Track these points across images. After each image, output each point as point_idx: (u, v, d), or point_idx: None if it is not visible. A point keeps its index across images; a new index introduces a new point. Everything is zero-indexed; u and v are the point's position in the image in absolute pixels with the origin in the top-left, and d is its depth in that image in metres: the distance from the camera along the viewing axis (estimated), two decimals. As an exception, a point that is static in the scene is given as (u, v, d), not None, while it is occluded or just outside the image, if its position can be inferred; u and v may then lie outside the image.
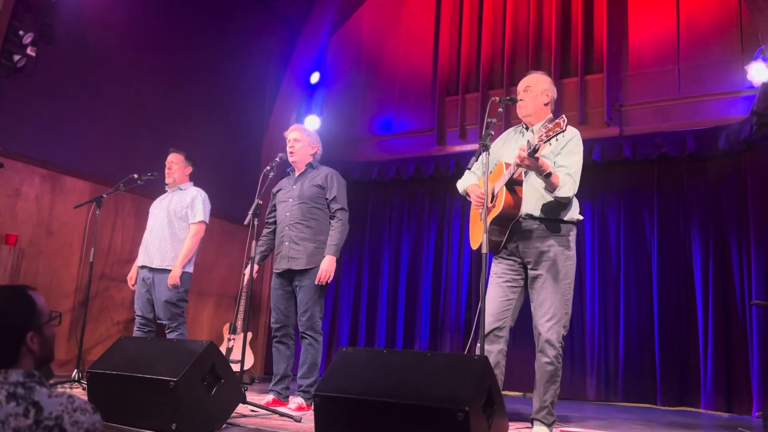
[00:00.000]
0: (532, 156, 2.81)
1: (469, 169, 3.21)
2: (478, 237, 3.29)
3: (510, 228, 3.13)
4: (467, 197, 3.40)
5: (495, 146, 3.39)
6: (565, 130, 2.69)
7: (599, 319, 6.18)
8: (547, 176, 2.94)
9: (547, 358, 3.05)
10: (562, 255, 3.11)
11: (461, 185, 3.45)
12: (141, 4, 6.13)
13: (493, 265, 3.29)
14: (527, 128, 3.33)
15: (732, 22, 6.05)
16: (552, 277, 3.08)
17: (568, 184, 3.03)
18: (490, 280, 3.24)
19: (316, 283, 3.82)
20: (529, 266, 3.15)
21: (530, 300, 3.16)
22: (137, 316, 4.54)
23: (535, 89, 3.28)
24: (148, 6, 6.21)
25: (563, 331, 3.08)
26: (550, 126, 2.73)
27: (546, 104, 3.30)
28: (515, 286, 3.18)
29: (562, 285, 3.08)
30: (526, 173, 3.13)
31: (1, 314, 1.45)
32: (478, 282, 5.03)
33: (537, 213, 3.13)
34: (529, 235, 3.14)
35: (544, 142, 2.76)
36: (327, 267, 3.82)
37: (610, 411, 5.21)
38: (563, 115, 2.73)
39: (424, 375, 2.25)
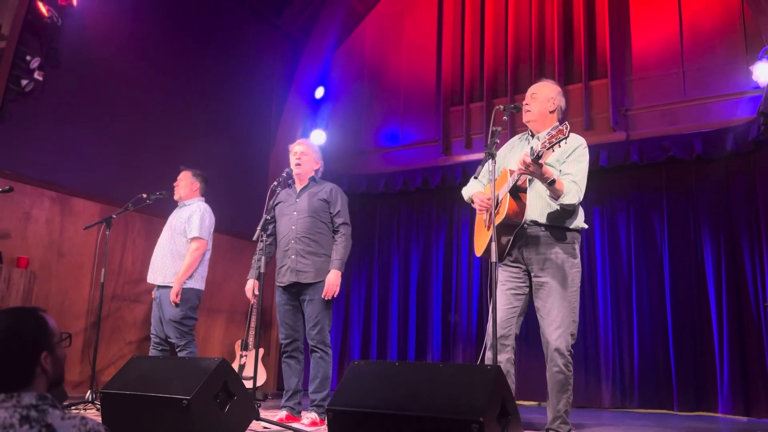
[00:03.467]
0: (536, 162, 2.81)
1: (476, 178, 3.21)
2: (482, 244, 3.28)
3: (514, 234, 3.13)
4: (472, 204, 3.40)
5: (501, 154, 3.40)
6: (567, 136, 2.69)
7: (612, 326, 6.13)
8: (550, 183, 2.93)
9: (557, 367, 3.03)
10: (567, 262, 3.09)
11: (466, 192, 3.46)
12: (145, 25, 6.19)
13: (498, 273, 3.28)
14: (533, 135, 3.33)
15: (735, 23, 6.04)
16: (558, 284, 3.06)
17: (573, 191, 3.02)
18: (492, 287, 3.24)
19: (323, 297, 3.82)
20: (533, 273, 3.14)
21: (536, 309, 3.14)
22: (152, 335, 4.54)
23: (541, 96, 3.30)
24: (153, 27, 6.27)
25: (571, 340, 3.06)
26: (554, 133, 2.74)
27: (551, 112, 3.30)
28: (519, 294, 3.17)
29: (568, 293, 3.06)
30: (530, 180, 3.12)
31: (17, 334, 1.46)
32: (488, 291, 4.97)
33: (542, 220, 3.11)
34: (533, 241, 3.13)
35: (548, 149, 2.76)
36: (333, 281, 3.84)
37: (626, 418, 5.15)
38: (566, 122, 2.73)
39: (437, 386, 2.23)
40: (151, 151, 6.06)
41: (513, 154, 3.34)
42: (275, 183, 4.08)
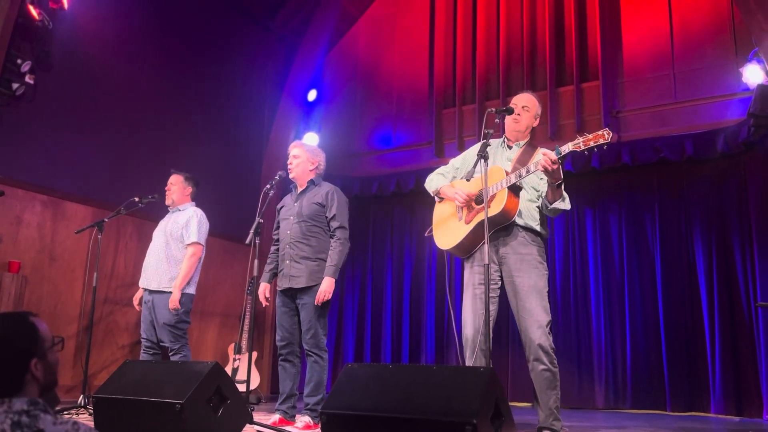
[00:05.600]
0: (559, 162, 2.90)
1: (468, 180, 3.21)
2: (453, 238, 3.28)
3: (492, 232, 3.15)
4: (437, 196, 3.44)
5: (471, 153, 3.46)
6: (609, 142, 2.79)
7: (605, 327, 6.15)
8: (559, 185, 3.02)
9: (543, 365, 3.05)
10: (540, 265, 3.18)
11: (434, 185, 3.48)
12: (137, 28, 6.18)
13: (466, 273, 3.29)
14: (509, 146, 3.38)
15: (724, 25, 6.08)
16: (536, 285, 3.13)
17: (567, 199, 3.16)
18: (466, 290, 3.25)
19: (315, 303, 3.80)
20: (507, 272, 3.17)
21: (516, 309, 3.15)
22: (142, 339, 4.52)
23: (531, 111, 3.39)
24: (145, 30, 6.25)
25: (550, 337, 3.11)
26: (590, 136, 2.82)
27: (533, 128, 3.44)
28: (492, 296, 3.16)
29: (544, 293, 3.14)
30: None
31: (4, 342, 1.44)
32: (455, 288, 5.01)
33: (520, 221, 3.18)
34: (512, 241, 3.18)
35: (581, 150, 2.87)
36: (326, 288, 3.79)
37: (619, 419, 5.17)
38: (606, 128, 2.82)
39: (430, 389, 2.24)
40: (143, 155, 6.04)
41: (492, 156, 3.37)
42: (268, 186, 4.06)
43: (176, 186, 4.71)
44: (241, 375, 5.93)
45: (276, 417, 3.82)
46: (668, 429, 4.39)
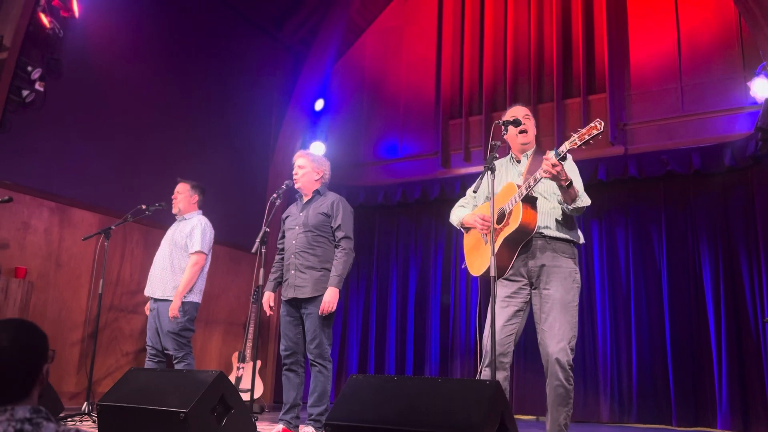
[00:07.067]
0: (561, 163, 2.85)
1: (475, 192, 3.20)
2: (480, 263, 3.25)
3: (520, 248, 3.11)
4: (462, 228, 3.40)
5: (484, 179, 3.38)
6: (602, 131, 2.76)
7: (611, 340, 6.12)
8: (568, 186, 2.95)
9: (558, 380, 3.01)
10: (570, 276, 3.08)
11: (456, 218, 3.44)
12: (147, 37, 6.22)
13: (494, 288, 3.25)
14: (518, 160, 3.32)
15: (732, 39, 6.08)
16: (562, 298, 3.04)
17: (584, 196, 3.07)
18: (491, 304, 3.20)
19: (320, 313, 3.79)
20: (536, 285, 3.11)
21: (538, 321, 3.10)
22: (148, 346, 4.52)
23: (533, 119, 3.35)
24: (154, 39, 6.30)
25: (571, 354, 3.05)
26: (584, 131, 2.79)
27: (536, 136, 3.37)
28: (519, 310, 3.13)
29: (570, 307, 3.05)
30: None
31: (28, 346, 1.46)
32: (487, 305, 4.95)
33: (547, 232, 3.11)
34: (539, 253, 3.10)
35: (579, 145, 2.83)
36: (329, 298, 3.79)
37: (625, 433, 5.13)
38: (598, 119, 2.81)
39: (435, 401, 2.22)
40: (150, 163, 6.06)
41: (499, 173, 3.32)
42: (275, 195, 4.07)
43: (183, 194, 4.73)
44: (245, 384, 5.92)
45: (279, 427, 3.81)
46: (674, 444, 4.36)
